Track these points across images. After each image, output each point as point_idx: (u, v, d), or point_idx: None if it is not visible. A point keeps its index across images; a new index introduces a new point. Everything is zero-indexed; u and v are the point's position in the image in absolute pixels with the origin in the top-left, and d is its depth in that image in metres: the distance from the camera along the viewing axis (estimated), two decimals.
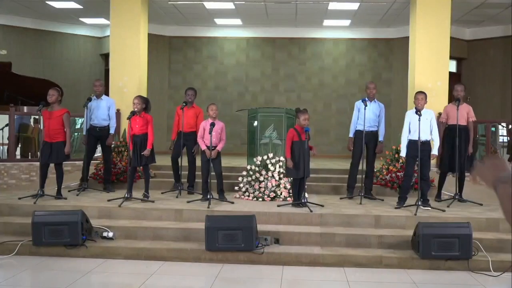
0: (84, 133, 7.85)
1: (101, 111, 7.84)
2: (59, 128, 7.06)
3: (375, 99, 7.60)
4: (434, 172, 8.04)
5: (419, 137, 6.57)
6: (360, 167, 7.46)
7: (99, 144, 8.06)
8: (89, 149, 7.85)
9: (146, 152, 7.03)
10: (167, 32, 13.90)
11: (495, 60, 13.26)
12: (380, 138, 7.56)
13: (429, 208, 6.57)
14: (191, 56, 14.09)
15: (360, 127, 7.45)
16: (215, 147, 7.05)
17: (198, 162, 7.94)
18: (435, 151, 6.79)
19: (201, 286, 4.94)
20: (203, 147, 7.09)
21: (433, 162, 7.22)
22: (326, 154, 13.08)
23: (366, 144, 7.42)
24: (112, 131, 7.92)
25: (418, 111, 6.62)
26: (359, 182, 7.66)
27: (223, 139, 7.19)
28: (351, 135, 7.60)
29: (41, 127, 7.02)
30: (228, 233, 5.47)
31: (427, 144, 6.73)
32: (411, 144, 6.79)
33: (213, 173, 7.12)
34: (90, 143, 7.83)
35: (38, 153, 7.12)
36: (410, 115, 6.91)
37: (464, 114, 7.22)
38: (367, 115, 7.39)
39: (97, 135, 7.83)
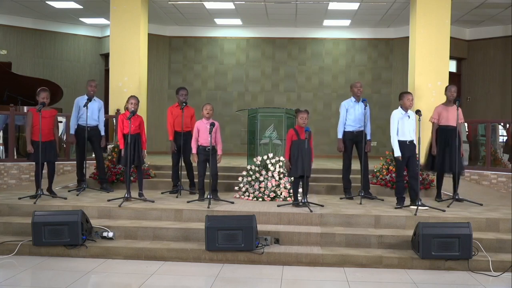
0: (72, 132, 7.84)
1: (93, 112, 7.83)
2: (52, 128, 7.19)
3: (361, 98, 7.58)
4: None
5: (419, 137, 6.59)
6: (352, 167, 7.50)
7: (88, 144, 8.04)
8: (82, 150, 7.83)
9: (144, 155, 7.10)
10: (167, 32, 13.91)
11: (495, 60, 13.27)
12: (368, 136, 7.53)
13: (428, 208, 6.56)
14: (191, 56, 14.10)
15: (349, 128, 7.44)
16: (212, 147, 7.04)
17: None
18: (417, 150, 6.84)
19: (201, 286, 4.94)
20: (194, 151, 7.09)
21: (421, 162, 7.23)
22: (326, 154, 13.10)
23: (357, 143, 7.43)
24: (103, 132, 7.97)
25: (418, 111, 6.63)
26: (353, 182, 7.66)
27: (218, 141, 7.12)
28: (339, 136, 7.55)
29: (31, 127, 7.05)
30: (228, 233, 5.47)
31: (413, 144, 6.76)
32: (403, 145, 6.77)
33: (208, 173, 7.12)
34: (81, 143, 7.80)
35: (28, 151, 7.16)
36: (398, 115, 6.82)
37: (456, 115, 7.22)
38: (356, 115, 7.40)
39: (88, 135, 7.74)
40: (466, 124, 9.72)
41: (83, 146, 7.78)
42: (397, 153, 6.78)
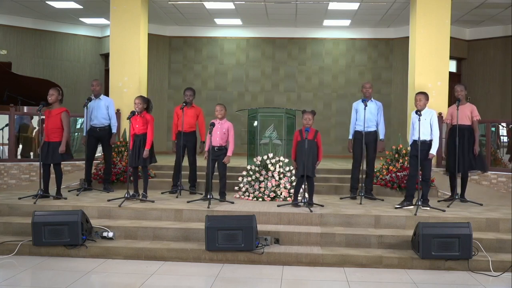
0: (84, 134, 7.83)
1: (101, 111, 7.82)
2: (57, 127, 7.01)
3: (372, 98, 7.60)
4: (435, 172, 8.04)
5: (419, 137, 6.58)
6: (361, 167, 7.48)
7: (99, 144, 8.03)
8: (90, 150, 7.83)
9: (145, 154, 7.03)
10: (167, 32, 13.91)
11: (495, 60, 13.27)
12: (381, 136, 7.57)
13: (428, 208, 6.57)
14: (191, 56, 14.10)
15: (359, 128, 7.45)
16: (220, 147, 7.06)
17: (199, 162, 7.96)
18: (433, 151, 6.79)
19: (201, 286, 4.94)
20: (206, 148, 7.11)
21: (435, 162, 7.20)
22: (326, 154, 13.05)
23: (366, 144, 7.42)
24: (114, 130, 7.91)
25: (418, 111, 6.63)
26: (361, 182, 7.66)
27: (230, 142, 7.17)
28: (350, 136, 7.59)
29: (41, 127, 7.00)
30: (228, 233, 5.47)
31: (426, 144, 6.72)
32: (413, 144, 6.79)
33: (216, 173, 7.13)
34: (90, 143, 7.80)
35: (38, 151, 7.09)
36: (412, 116, 6.88)
37: (468, 114, 7.22)
38: (366, 115, 7.40)
39: (98, 135, 7.81)
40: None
41: (89, 146, 7.78)
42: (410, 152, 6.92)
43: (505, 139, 9.44)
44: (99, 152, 8.23)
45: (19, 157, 9.26)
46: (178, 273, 5.16)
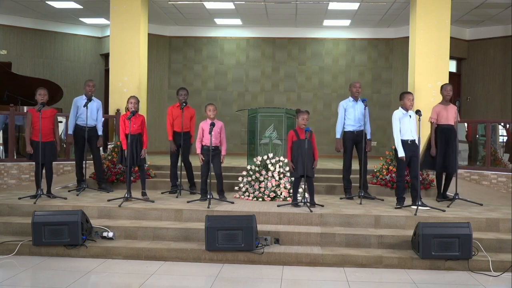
0: (70, 132, 7.82)
1: (93, 112, 7.82)
2: (51, 127, 7.16)
3: (359, 98, 7.59)
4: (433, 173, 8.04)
5: (419, 138, 6.61)
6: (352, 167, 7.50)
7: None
8: (81, 150, 7.82)
9: (143, 153, 7.09)
10: (167, 32, 13.91)
11: (495, 60, 13.28)
12: (368, 136, 7.54)
13: (428, 208, 6.56)
14: (191, 56, 14.10)
15: (350, 128, 7.44)
16: (215, 147, 7.05)
17: (193, 162, 7.94)
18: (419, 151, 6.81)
19: (201, 286, 4.94)
20: (198, 151, 7.09)
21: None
22: (326, 154, 13.09)
23: (357, 143, 7.42)
24: (100, 132, 7.91)
25: (418, 111, 6.63)
26: (354, 182, 7.66)
27: (223, 141, 7.18)
28: (338, 136, 7.56)
29: (31, 127, 7.05)
30: (228, 233, 5.47)
31: (415, 144, 6.74)
32: (406, 144, 6.76)
33: (212, 173, 7.12)
34: (79, 143, 7.79)
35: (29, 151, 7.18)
36: (399, 115, 6.79)
37: (454, 114, 7.22)
38: (356, 115, 7.40)
39: (85, 135, 7.74)
40: (466, 124, 9.71)
41: (83, 146, 7.76)
42: (401, 153, 6.73)
43: (505, 139, 9.44)
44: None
45: (15, 157, 9.24)
46: (178, 273, 5.16)
